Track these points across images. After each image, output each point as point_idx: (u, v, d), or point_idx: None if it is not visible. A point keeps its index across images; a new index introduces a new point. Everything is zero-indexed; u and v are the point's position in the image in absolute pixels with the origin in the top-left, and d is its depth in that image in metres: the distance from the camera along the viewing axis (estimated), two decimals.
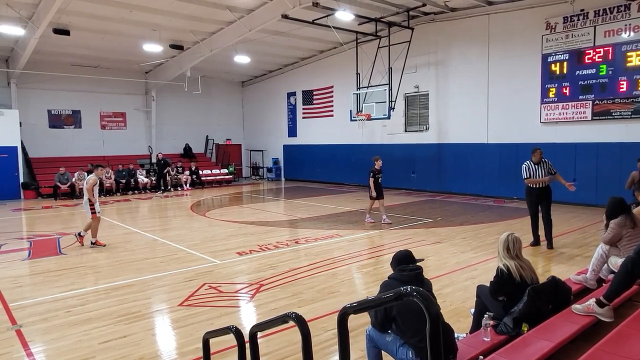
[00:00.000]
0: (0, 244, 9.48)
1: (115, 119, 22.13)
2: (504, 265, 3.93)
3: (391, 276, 3.48)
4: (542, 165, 8.36)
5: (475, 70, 15.45)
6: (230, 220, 12.10)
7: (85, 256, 8.38)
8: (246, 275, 6.97)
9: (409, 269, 3.43)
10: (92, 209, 9.04)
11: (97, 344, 4.55)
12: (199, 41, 17.41)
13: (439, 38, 16.42)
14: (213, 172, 22.66)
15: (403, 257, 3.59)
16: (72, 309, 5.54)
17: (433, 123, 17.07)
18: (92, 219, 9.06)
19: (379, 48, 16.77)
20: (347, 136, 20.06)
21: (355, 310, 2.36)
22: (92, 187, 9.12)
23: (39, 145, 19.14)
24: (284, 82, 23.66)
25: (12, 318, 5.29)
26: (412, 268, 3.44)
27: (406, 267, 3.46)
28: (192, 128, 24.35)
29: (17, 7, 13.15)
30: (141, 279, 6.82)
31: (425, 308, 1.87)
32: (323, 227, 10.81)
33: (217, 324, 4.91)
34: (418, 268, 3.46)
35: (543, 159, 8.41)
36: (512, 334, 3.63)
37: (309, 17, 14.98)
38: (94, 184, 9.15)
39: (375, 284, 6.43)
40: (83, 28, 15.31)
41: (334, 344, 4.19)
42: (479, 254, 7.76)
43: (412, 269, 3.43)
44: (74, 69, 19.69)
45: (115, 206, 15.53)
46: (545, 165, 8.38)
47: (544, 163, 8.38)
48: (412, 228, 10.47)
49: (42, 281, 6.87)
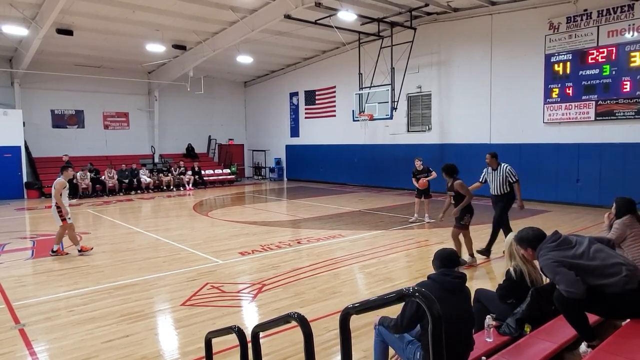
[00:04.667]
0: (4, 244, 9.51)
1: (118, 119, 22.19)
2: (515, 267, 3.90)
3: (432, 277, 3.23)
4: (499, 172, 7.72)
5: (478, 70, 15.42)
6: (232, 220, 12.11)
7: (88, 256, 8.39)
8: (248, 275, 6.97)
9: (454, 275, 3.18)
10: (62, 216, 8.27)
11: (100, 343, 4.56)
12: (202, 41, 17.44)
13: (441, 38, 16.40)
14: (215, 172, 22.69)
15: (447, 257, 3.31)
16: (75, 309, 5.56)
17: (435, 123, 17.05)
18: (60, 226, 8.29)
19: (382, 48, 16.76)
20: (350, 136, 20.05)
21: (358, 310, 2.35)
22: (60, 191, 8.28)
23: (42, 145, 19.19)
24: (286, 82, 23.68)
25: (16, 317, 5.30)
26: (456, 275, 3.19)
27: (450, 272, 3.20)
28: (194, 128, 24.39)
29: (20, 8, 13.20)
30: (144, 278, 6.84)
31: (427, 309, 1.87)
32: (325, 227, 10.81)
33: (220, 323, 4.92)
34: (462, 276, 3.22)
35: (503, 164, 7.76)
36: (514, 335, 3.63)
37: (311, 17, 14.99)
38: (62, 188, 8.31)
39: (378, 284, 6.43)
40: (86, 28, 15.36)
41: (336, 344, 4.18)
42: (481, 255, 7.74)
43: (456, 276, 3.18)
44: (77, 69, 19.75)
45: (118, 206, 15.57)
46: (502, 172, 7.69)
47: (502, 169, 7.70)
48: (414, 229, 10.46)
49: (46, 280, 6.89)
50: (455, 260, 3.31)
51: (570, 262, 3.33)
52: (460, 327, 2.94)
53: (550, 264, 3.34)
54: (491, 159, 7.89)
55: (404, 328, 3.10)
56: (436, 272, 3.27)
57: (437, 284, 3.10)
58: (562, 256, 3.36)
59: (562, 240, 3.48)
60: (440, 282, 3.11)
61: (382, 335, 3.43)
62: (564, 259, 3.34)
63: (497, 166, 7.78)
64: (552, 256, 3.37)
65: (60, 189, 8.34)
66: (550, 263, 3.34)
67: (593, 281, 3.29)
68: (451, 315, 2.14)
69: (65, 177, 8.60)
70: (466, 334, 3.12)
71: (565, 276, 3.27)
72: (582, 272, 3.29)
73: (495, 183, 7.78)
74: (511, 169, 7.69)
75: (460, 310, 3.06)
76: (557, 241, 3.49)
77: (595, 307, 3.41)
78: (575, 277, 3.26)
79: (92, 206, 15.32)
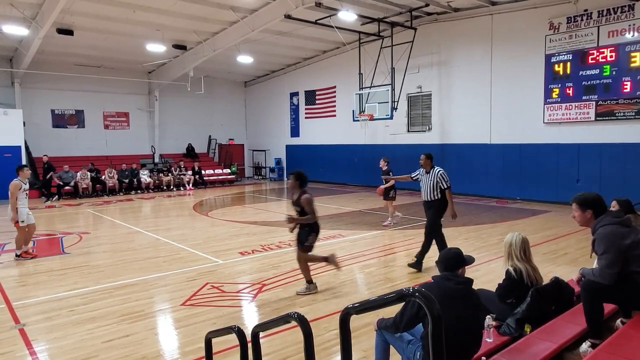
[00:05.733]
0: (4, 243, 9.51)
1: (118, 118, 22.20)
2: (514, 267, 3.89)
3: (435, 279, 3.13)
4: (431, 175, 7.02)
5: (479, 70, 15.43)
6: (232, 220, 12.11)
7: (88, 255, 8.40)
8: (248, 275, 6.97)
9: (456, 280, 3.04)
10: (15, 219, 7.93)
11: (100, 342, 4.57)
12: (202, 41, 17.44)
13: (442, 38, 16.40)
14: (216, 172, 22.69)
15: (452, 259, 3.18)
16: (76, 308, 5.56)
17: (436, 123, 17.05)
18: (17, 229, 7.98)
19: (382, 48, 16.77)
20: (350, 136, 20.05)
21: (357, 310, 2.35)
22: (16, 194, 7.87)
23: (42, 145, 19.17)
24: (286, 82, 23.68)
25: (16, 317, 5.31)
26: (459, 281, 3.05)
27: (454, 276, 3.07)
28: (195, 128, 24.40)
29: (21, 7, 13.20)
30: (144, 278, 6.84)
31: (427, 309, 1.87)
32: (325, 227, 10.76)
33: (220, 323, 4.92)
34: (466, 282, 3.09)
35: (437, 167, 7.06)
36: (514, 335, 3.63)
37: (311, 17, 14.99)
38: (17, 190, 7.90)
39: (378, 284, 6.44)
40: (87, 28, 15.36)
41: (336, 344, 4.18)
42: (482, 255, 7.75)
43: (459, 282, 3.04)
44: (77, 69, 19.76)
45: (118, 206, 15.57)
46: (433, 176, 6.97)
47: (434, 173, 6.99)
48: (415, 229, 10.45)
49: (46, 280, 6.90)
50: (459, 262, 3.18)
51: (623, 242, 3.42)
52: (460, 334, 2.86)
53: (609, 236, 3.43)
54: (425, 160, 7.21)
55: (402, 327, 3.06)
56: (440, 274, 3.18)
57: (439, 288, 2.99)
58: (620, 234, 3.44)
59: (625, 220, 3.59)
60: (442, 287, 3.00)
61: (384, 334, 3.42)
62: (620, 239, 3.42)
63: (431, 169, 7.09)
64: (613, 230, 3.45)
65: (16, 191, 7.89)
66: (609, 235, 3.43)
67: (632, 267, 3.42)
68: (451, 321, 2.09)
69: (22, 177, 8.14)
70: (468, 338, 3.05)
71: (612, 257, 3.38)
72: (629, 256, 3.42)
73: (426, 188, 7.07)
74: (443, 174, 6.98)
75: (462, 316, 2.95)
76: (620, 218, 3.60)
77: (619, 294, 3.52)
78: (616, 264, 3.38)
79: (92, 206, 15.33)
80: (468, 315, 3.03)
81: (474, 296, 3.15)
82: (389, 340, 3.39)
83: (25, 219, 8.02)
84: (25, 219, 8.04)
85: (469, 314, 3.04)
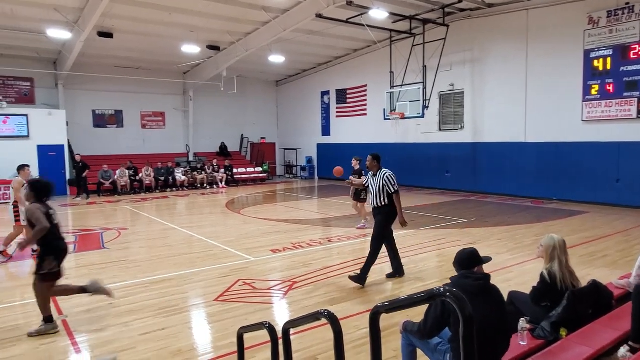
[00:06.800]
0: None
1: (155, 118, 22.86)
2: (549, 269, 3.82)
3: (452, 280, 3.09)
4: (377, 178, 6.34)
5: (513, 67, 15.05)
6: (264, 218, 12.28)
7: (126, 250, 8.70)
8: (279, 273, 7.06)
9: (474, 277, 3.01)
10: (17, 216, 7.96)
11: (137, 335, 4.73)
12: (235, 42, 17.72)
13: (475, 35, 16.09)
14: (248, 171, 23.03)
15: (467, 259, 3.15)
16: (114, 301, 5.75)
17: (468, 122, 16.75)
18: (15, 227, 8.03)
19: (414, 46, 16.59)
20: (381, 135, 19.95)
21: (387, 309, 2.35)
22: (19, 190, 7.81)
23: (84, 144, 19.94)
24: (317, 81, 23.76)
25: (59, 308, 5.55)
26: (477, 277, 3.02)
27: (471, 274, 3.05)
28: (227, 127, 24.83)
29: (64, 12, 13.78)
30: (179, 273, 7.04)
31: (459, 309, 1.86)
32: (354, 225, 10.80)
33: (251, 319, 5.00)
34: (484, 277, 3.04)
35: (384, 169, 6.42)
36: (549, 338, 3.56)
37: (343, 16, 14.99)
38: (20, 187, 7.84)
39: (408, 283, 6.41)
40: (126, 31, 15.89)
41: (366, 343, 4.19)
42: (515, 256, 7.58)
43: (477, 278, 3.00)
44: (117, 71, 20.44)
45: (154, 203, 16.04)
46: (379, 180, 6.30)
47: (380, 176, 6.32)
48: (446, 228, 10.33)
49: (87, 274, 7.17)
50: (475, 261, 3.14)
51: None
52: (488, 331, 2.82)
53: None
54: (372, 161, 6.47)
55: (427, 333, 3.02)
56: (457, 275, 3.14)
57: (459, 287, 2.89)
58: None
59: None
60: (462, 285, 2.93)
61: (410, 338, 3.37)
62: None
63: (378, 171, 6.40)
64: None
65: (19, 188, 7.88)
66: None
67: None
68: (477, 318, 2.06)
69: (23, 176, 8.12)
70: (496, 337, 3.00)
71: None
72: None
73: (373, 192, 6.38)
74: (390, 177, 6.27)
75: (489, 309, 2.93)
76: None
77: None
78: None
79: (130, 203, 15.85)
80: (493, 312, 2.98)
81: (495, 292, 3.07)
82: (416, 344, 3.35)
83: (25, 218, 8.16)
84: None
85: (493, 311, 2.98)
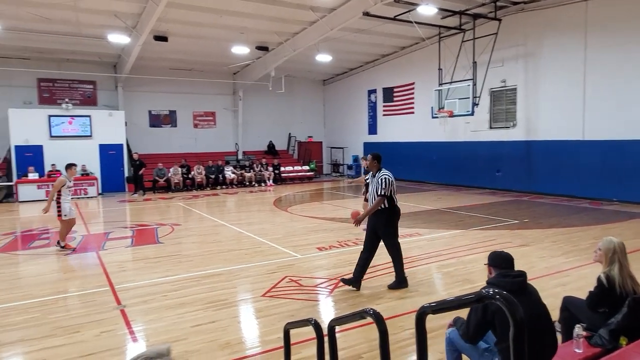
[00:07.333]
0: (109, 232, 10.57)
1: (206, 118, 23.63)
2: (607, 273, 3.64)
3: (492, 281, 3.08)
4: (376, 180, 6.04)
5: (570, 61, 14.32)
6: (311, 216, 12.40)
7: (179, 245, 9.07)
8: (325, 270, 7.12)
9: (513, 274, 3.06)
10: (59, 211, 8.48)
11: (189, 327, 4.93)
12: (283, 42, 17.98)
13: (528, 29, 15.45)
14: (295, 169, 23.31)
15: (505, 259, 3.19)
16: (168, 294, 6.05)
17: (521, 119, 16.12)
18: (60, 222, 8.58)
19: (463, 42, 16.16)
20: (428, 133, 19.59)
21: (434, 310, 2.31)
22: (59, 188, 8.41)
23: (140, 143, 20.93)
24: (364, 79, 23.66)
25: (117, 298, 5.89)
26: (516, 274, 3.06)
27: (509, 272, 3.09)
28: (275, 126, 25.26)
29: (123, 17, 14.52)
30: (228, 269, 7.25)
31: (510, 313, 1.82)
32: (402, 225, 10.58)
33: (297, 316, 5.08)
34: (523, 274, 3.07)
35: (383, 170, 6.09)
36: (608, 347, 3.39)
37: (390, 13, 14.83)
38: (60, 185, 8.42)
39: (456, 285, 6.28)
40: (179, 34, 16.53)
41: (412, 344, 4.16)
42: (571, 260, 7.25)
43: (516, 275, 3.05)
44: (170, 72, 21.29)
45: (205, 200, 16.58)
46: (376, 181, 6.00)
47: (378, 176, 6.01)
48: (496, 229, 10.01)
49: (143, 267, 7.57)
50: (511, 261, 3.17)
51: None
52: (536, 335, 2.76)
53: None
54: (371, 161, 6.22)
55: (471, 338, 2.98)
56: (495, 275, 3.12)
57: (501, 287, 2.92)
58: None
59: None
60: (503, 284, 2.89)
61: (454, 343, 3.32)
62: None
63: (377, 172, 6.12)
64: None
65: (59, 186, 8.41)
66: None
67: None
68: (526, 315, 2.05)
69: (69, 174, 8.62)
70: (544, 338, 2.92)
71: None
72: None
73: (371, 193, 6.12)
74: (385, 179, 5.93)
75: (533, 308, 2.88)
76: None
77: None
78: None
79: (183, 200, 16.47)
80: (538, 312, 2.92)
81: (533, 290, 3.06)
82: (461, 350, 3.29)
83: (67, 213, 8.54)
84: (68, 213, 8.55)
85: (538, 311, 2.93)
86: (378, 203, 5.95)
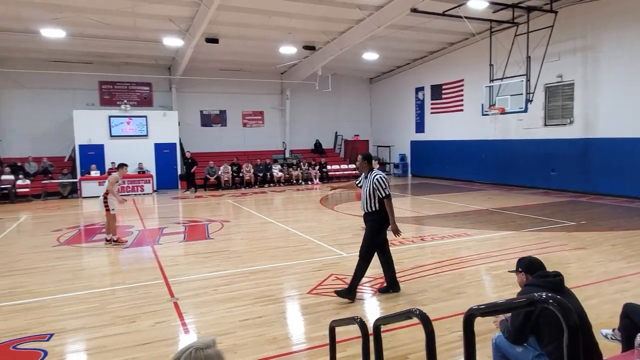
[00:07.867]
0: (163, 227, 11.06)
1: (254, 117, 24.13)
2: None
3: (531, 283, 3.11)
4: (368, 181, 5.77)
5: (634, 55, 13.45)
6: (357, 214, 12.38)
7: (228, 242, 9.35)
8: (371, 270, 7.05)
9: (552, 274, 3.08)
10: (107, 206, 9.09)
11: (237, 321, 5.08)
12: (330, 41, 18.04)
13: (587, 21, 14.65)
14: (341, 167, 23.36)
15: (535, 263, 3.28)
16: (218, 288, 6.26)
17: (578, 116, 15.32)
18: (107, 217, 9.14)
19: (516, 36, 15.56)
20: (478, 131, 19.04)
21: (483, 312, 2.25)
22: (113, 185, 9.18)
23: (192, 142, 21.68)
24: (412, 77, 23.31)
25: (171, 291, 6.17)
26: (554, 274, 3.08)
27: (546, 272, 3.13)
28: (322, 124, 25.40)
29: (177, 21, 15.11)
30: (275, 265, 7.40)
31: (563, 317, 1.77)
32: (450, 225, 10.49)
33: (343, 314, 5.13)
34: (560, 274, 3.11)
35: (375, 171, 5.83)
36: None
37: (439, 9, 14.52)
38: (114, 182, 9.21)
39: (506, 287, 6.09)
40: (229, 36, 16.98)
41: (459, 347, 4.10)
42: (633, 265, 6.83)
43: (555, 275, 3.07)
44: (221, 73, 21.90)
45: (253, 197, 16.96)
46: (370, 182, 5.73)
47: (371, 178, 5.74)
48: (550, 231, 9.60)
49: (194, 261, 7.87)
50: (543, 264, 3.25)
51: None
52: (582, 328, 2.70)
53: None
54: (362, 162, 5.89)
55: (514, 340, 2.98)
56: (532, 278, 3.14)
57: (539, 287, 2.87)
58: None
59: None
60: (545, 285, 2.89)
61: (502, 350, 3.26)
62: None
63: (369, 173, 5.82)
64: None
65: (114, 183, 9.22)
66: None
67: None
68: None
69: (121, 173, 9.44)
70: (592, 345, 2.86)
71: None
72: None
73: (363, 196, 5.83)
74: (381, 179, 5.68)
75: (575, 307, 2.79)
76: None
77: None
78: None
79: (232, 197, 16.93)
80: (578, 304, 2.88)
81: (569, 291, 3.08)
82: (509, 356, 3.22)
83: (115, 208, 9.26)
84: (115, 207, 9.27)
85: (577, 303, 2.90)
86: (390, 205, 5.74)
